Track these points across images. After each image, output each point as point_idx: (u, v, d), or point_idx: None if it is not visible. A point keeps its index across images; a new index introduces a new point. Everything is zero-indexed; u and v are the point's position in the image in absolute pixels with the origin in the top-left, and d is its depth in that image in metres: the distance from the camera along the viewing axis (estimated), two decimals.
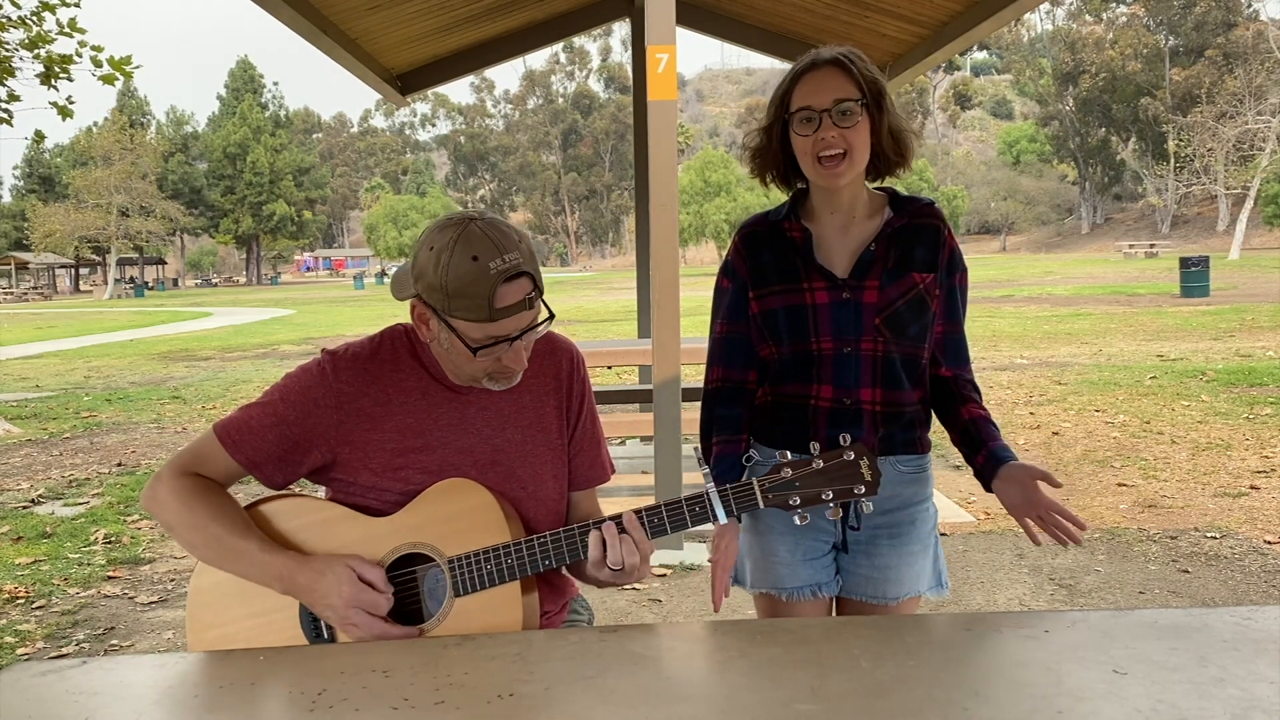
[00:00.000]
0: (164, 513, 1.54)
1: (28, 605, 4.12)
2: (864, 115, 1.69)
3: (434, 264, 1.43)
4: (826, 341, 1.74)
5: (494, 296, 1.42)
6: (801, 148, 1.72)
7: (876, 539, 1.82)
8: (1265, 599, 3.79)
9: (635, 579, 1.49)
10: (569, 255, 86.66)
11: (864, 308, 1.72)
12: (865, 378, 1.74)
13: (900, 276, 1.73)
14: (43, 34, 7.93)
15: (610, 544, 1.47)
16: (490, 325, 1.44)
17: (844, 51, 1.71)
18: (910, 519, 1.82)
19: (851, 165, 1.70)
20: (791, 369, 1.78)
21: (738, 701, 1.11)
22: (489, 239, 1.42)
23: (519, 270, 1.43)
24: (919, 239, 1.75)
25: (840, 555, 1.85)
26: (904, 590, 1.82)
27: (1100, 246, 56.05)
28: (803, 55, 1.75)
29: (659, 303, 4.23)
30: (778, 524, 1.83)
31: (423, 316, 1.52)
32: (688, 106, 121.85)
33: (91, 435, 8.45)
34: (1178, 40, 58.86)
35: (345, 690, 1.17)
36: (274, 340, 19.08)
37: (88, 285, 67.64)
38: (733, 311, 1.84)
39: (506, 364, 1.51)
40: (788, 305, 1.75)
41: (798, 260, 1.76)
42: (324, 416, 1.55)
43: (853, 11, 6.17)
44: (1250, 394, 8.25)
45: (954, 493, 5.49)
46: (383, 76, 6.74)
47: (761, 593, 1.88)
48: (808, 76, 1.71)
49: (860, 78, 1.69)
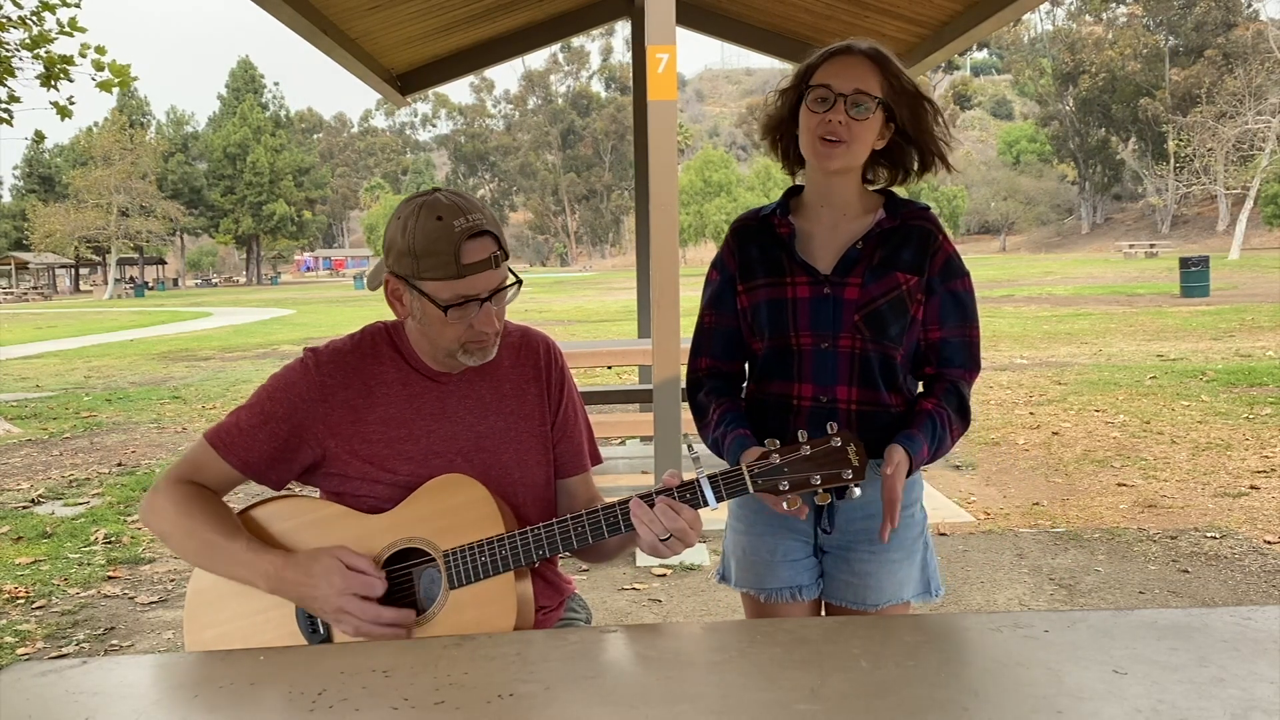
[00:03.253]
0: (160, 522, 1.56)
1: (28, 605, 4.12)
2: (878, 114, 1.70)
3: (401, 230, 1.50)
4: (805, 336, 1.74)
5: (460, 252, 1.47)
6: (807, 123, 1.73)
7: (855, 544, 1.80)
8: (1265, 599, 3.79)
9: (688, 544, 1.49)
10: (569, 255, 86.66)
11: (844, 304, 1.72)
12: (842, 375, 1.73)
13: (883, 275, 1.73)
14: (44, 33, 7.93)
15: (649, 518, 1.47)
16: (458, 283, 1.49)
17: (881, 49, 1.72)
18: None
19: (848, 153, 1.70)
20: (774, 364, 1.79)
21: (738, 701, 1.11)
22: (453, 203, 1.50)
23: (482, 228, 1.50)
24: (908, 241, 1.75)
25: (823, 559, 1.85)
26: (885, 597, 1.79)
27: (1100, 246, 56.05)
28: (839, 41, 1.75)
29: (659, 303, 4.23)
30: (759, 523, 1.84)
31: (396, 292, 1.57)
32: (688, 106, 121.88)
33: (91, 435, 8.45)
34: (1177, 40, 58.86)
35: (345, 690, 1.17)
36: (274, 340, 19.08)
37: (88, 285, 67.61)
38: (720, 303, 1.85)
39: (479, 327, 1.54)
40: (770, 299, 1.77)
41: (783, 255, 1.78)
42: (311, 411, 1.58)
43: (853, 11, 6.17)
44: (1250, 394, 8.26)
45: (954, 493, 5.49)
46: (383, 76, 6.74)
47: (745, 592, 1.90)
48: (838, 58, 1.71)
49: (888, 78, 1.70)
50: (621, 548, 1.68)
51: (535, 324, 1.82)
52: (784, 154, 1.86)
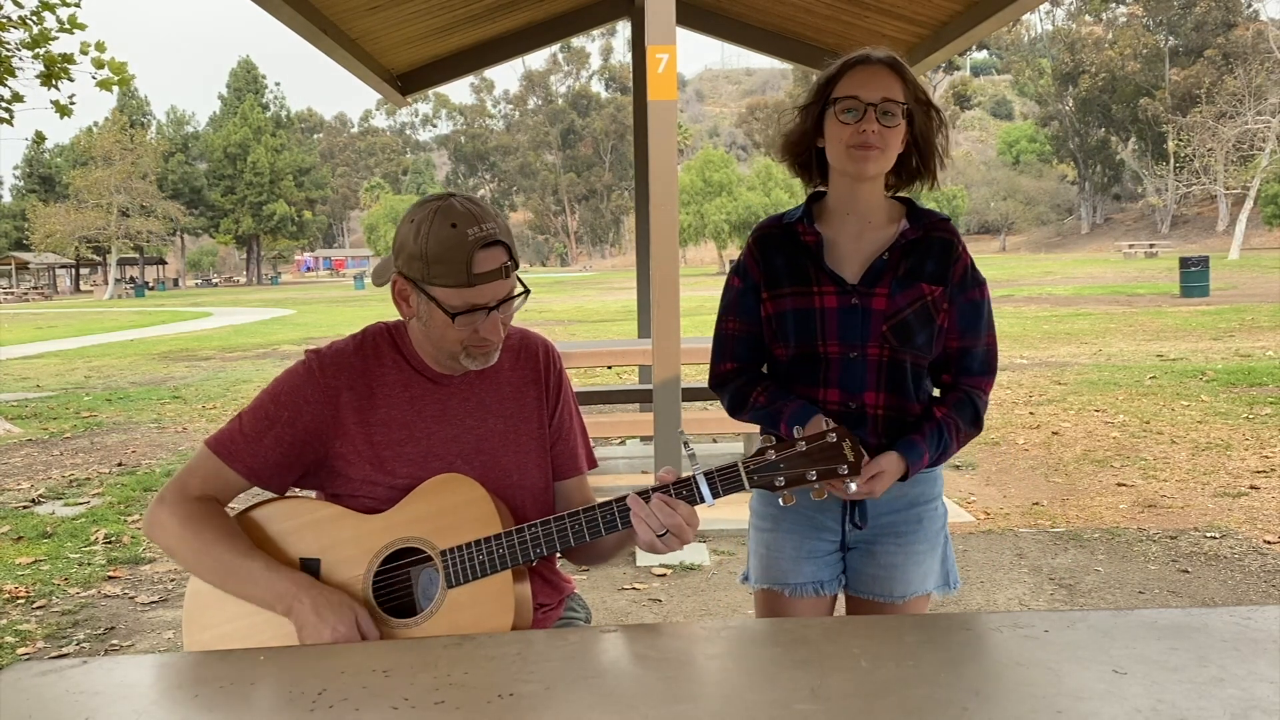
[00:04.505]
0: (166, 537, 1.55)
1: (28, 605, 4.13)
2: (903, 121, 1.73)
3: (414, 234, 1.50)
4: (833, 345, 1.77)
5: (472, 261, 1.48)
6: (837, 135, 1.74)
7: (882, 538, 1.84)
8: (1265, 599, 3.79)
9: (685, 540, 1.49)
10: (569, 255, 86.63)
11: (872, 314, 1.75)
12: (870, 382, 1.76)
13: (909, 286, 1.75)
14: (44, 32, 7.92)
15: (645, 514, 1.47)
16: (468, 291, 1.49)
17: (898, 57, 1.76)
18: (917, 518, 1.84)
19: (882, 158, 1.73)
20: (800, 370, 1.81)
21: (738, 701, 1.11)
22: (467, 211, 1.50)
23: (495, 238, 1.50)
24: (931, 252, 1.78)
25: (848, 554, 1.87)
26: (910, 589, 1.84)
27: (1100, 246, 56.04)
28: (854, 51, 1.77)
29: (659, 303, 4.23)
30: (785, 521, 1.86)
31: (403, 292, 1.57)
32: (688, 106, 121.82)
33: (92, 435, 8.45)
34: (1177, 40, 58.83)
35: (345, 690, 1.17)
36: (274, 340, 19.08)
37: (88, 285, 67.61)
38: (744, 310, 1.86)
39: (484, 335, 1.54)
40: (797, 308, 1.78)
41: (809, 264, 1.79)
42: (316, 413, 1.58)
43: (853, 11, 6.17)
44: (1250, 394, 8.26)
45: (954, 493, 5.49)
46: (383, 76, 6.74)
47: (764, 589, 1.91)
48: (859, 69, 1.74)
49: (909, 86, 1.74)
50: (617, 548, 1.68)
51: (535, 324, 1.83)
52: (805, 169, 1.87)
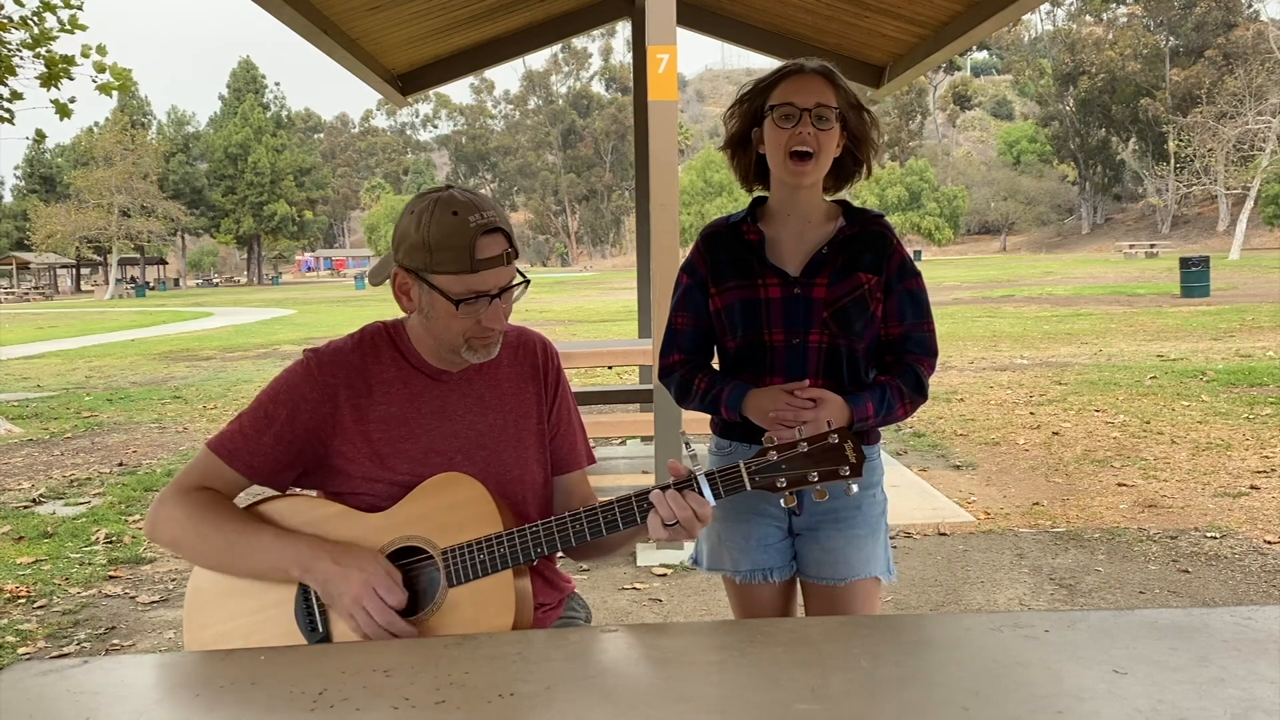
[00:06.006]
0: (171, 530, 1.54)
1: (29, 605, 4.13)
2: (837, 125, 1.85)
3: (415, 224, 1.53)
4: (778, 333, 1.88)
5: (474, 247, 1.50)
6: (776, 140, 1.84)
7: (823, 524, 1.93)
8: (1265, 599, 3.79)
9: (693, 535, 1.52)
10: (569, 255, 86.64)
11: (814, 303, 1.87)
12: (812, 369, 1.87)
13: (847, 276, 1.87)
14: (45, 32, 7.93)
15: (661, 503, 1.50)
16: (471, 278, 1.51)
17: (829, 66, 1.88)
18: (856, 504, 1.92)
19: (817, 166, 1.85)
20: (746, 359, 1.91)
21: (738, 701, 1.11)
22: (467, 200, 1.53)
23: (496, 225, 1.53)
24: (868, 246, 1.90)
25: (796, 539, 1.97)
26: (853, 571, 1.92)
27: (1100, 246, 56.04)
28: (787, 61, 1.90)
29: (659, 303, 4.23)
30: (734, 510, 1.94)
31: (404, 286, 1.58)
32: (688, 107, 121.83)
33: (93, 435, 8.46)
34: (1178, 40, 58.87)
35: (346, 690, 1.17)
36: (275, 340, 19.08)
37: (89, 285, 67.62)
38: (692, 305, 1.98)
39: (486, 324, 1.56)
40: (743, 299, 1.89)
41: (753, 260, 1.91)
42: (315, 411, 1.59)
43: (853, 12, 6.17)
44: (1250, 394, 8.26)
45: (954, 493, 5.49)
46: (383, 77, 6.74)
47: (720, 574, 2.02)
48: (794, 78, 1.85)
49: (840, 91, 1.85)
50: (618, 545, 1.68)
51: (536, 324, 1.85)
52: (743, 172, 1.99)
